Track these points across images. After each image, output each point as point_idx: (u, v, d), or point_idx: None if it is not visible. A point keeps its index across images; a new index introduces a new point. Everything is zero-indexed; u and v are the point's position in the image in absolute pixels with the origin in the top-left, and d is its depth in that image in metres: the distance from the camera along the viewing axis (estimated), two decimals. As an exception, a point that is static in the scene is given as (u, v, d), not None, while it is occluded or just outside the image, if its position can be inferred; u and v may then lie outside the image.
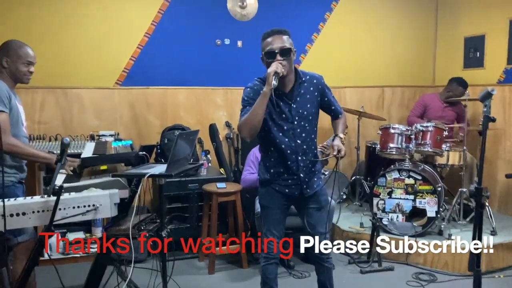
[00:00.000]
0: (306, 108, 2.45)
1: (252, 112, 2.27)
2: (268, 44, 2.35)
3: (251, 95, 2.38)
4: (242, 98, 2.43)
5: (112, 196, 1.98)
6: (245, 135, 2.32)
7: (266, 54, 2.34)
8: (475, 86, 4.86)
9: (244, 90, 2.45)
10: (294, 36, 4.72)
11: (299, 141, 2.44)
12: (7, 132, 2.36)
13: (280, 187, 2.50)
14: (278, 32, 2.36)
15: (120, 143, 2.89)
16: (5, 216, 1.72)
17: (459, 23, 5.13)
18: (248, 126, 2.28)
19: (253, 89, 2.41)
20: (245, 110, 2.36)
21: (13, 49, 2.52)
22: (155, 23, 4.43)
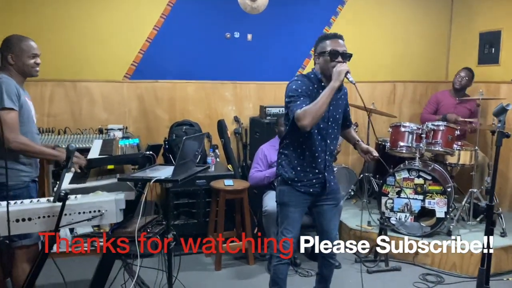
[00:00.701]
0: (338, 112, 2.59)
1: (319, 102, 2.31)
2: (332, 44, 2.43)
3: (303, 88, 2.44)
4: (293, 89, 2.44)
5: (117, 202, 1.97)
6: (306, 123, 2.31)
7: (330, 53, 2.41)
8: (489, 83, 4.77)
9: (293, 83, 2.47)
10: (305, 29, 4.79)
11: (328, 141, 2.56)
12: (16, 130, 2.36)
13: (305, 188, 2.57)
14: (338, 37, 2.48)
15: (127, 141, 2.87)
16: (9, 220, 1.71)
17: (475, 18, 5.00)
18: (313, 115, 2.31)
19: (303, 82, 2.47)
20: (301, 100, 2.38)
21: (15, 44, 2.49)
22: (164, 16, 4.39)
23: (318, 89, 2.46)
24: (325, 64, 2.44)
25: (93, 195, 2.10)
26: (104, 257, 2.69)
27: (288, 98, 2.45)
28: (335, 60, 2.40)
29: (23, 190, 2.44)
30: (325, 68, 2.45)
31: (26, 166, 2.48)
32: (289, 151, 2.60)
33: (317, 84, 2.49)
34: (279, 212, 2.68)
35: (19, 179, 2.43)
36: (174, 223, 3.83)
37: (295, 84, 2.46)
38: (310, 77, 2.51)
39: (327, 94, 2.31)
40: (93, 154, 2.57)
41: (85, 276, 3.17)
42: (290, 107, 2.42)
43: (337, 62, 2.39)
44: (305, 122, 2.31)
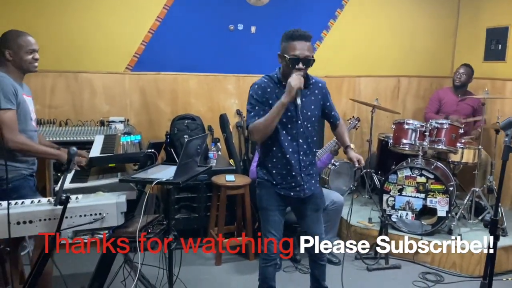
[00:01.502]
0: (310, 109, 2.47)
1: (266, 120, 2.30)
2: (294, 49, 2.29)
3: (259, 93, 2.38)
4: (250, 95, 2.42)
5: (119, 205, 1.96)
6: (256, 139, 2.37)
7: (290, 60, 2.29)
8: (495, 80, 4.73)
9: (252, 88, 2.44)
10: (310, 21, 4.72)
11: (301, 141, 2.46)
12: (14, 130, 2.34)
13: (285, 191, 2.51)
14: (304, 38, 2.31)
15: (128, 138, 2.86)
16: (9, 222, 1.71)
17: (482, 13, 4.93)
18: (261, 132, 2.33)
19: (261, 87, 2.41)
20: (255, 111, 2.37)
21: (12, 39, 2.45)
22: (167, 7, 4.33)
23: (280, 91, 2.37)
24: (285, 68, 2.36)
25: (94, 196, 2.09)
26: (105, 252, 2.69)
27: (247, 105, 2.44)
28: (295, 67, 2.29)
29: (21, 181, 2.44)
30: (285, 71, 2.37)
31: (22, 164, 2.47)
32: (263, 154, 2.56)
33: (277, 86, 2.42)
34: (260, 216, 2.66)
35: (16, 173, 2.42)
36: (175, 217, 3.83)
37: (252, 89, 2.41)
38: (273, 77, 2.44)
39: (276, 110, 2.27)
40: (95, 151, 2.56)
41: (86, 269, 3.19)
42: (247, 117, 2.42)
43: (296, 69, 2.28)
44: (256, 137, 2.36)
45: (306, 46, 2.29)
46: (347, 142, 2.67)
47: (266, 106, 2.37)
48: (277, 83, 2.42)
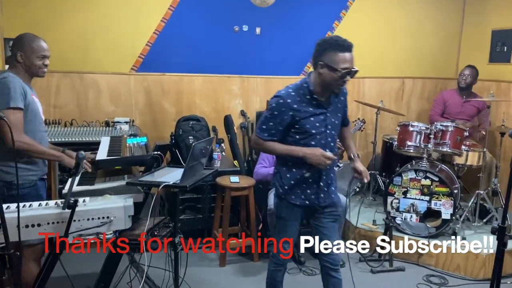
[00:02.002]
0: (336, 118, 2.42)
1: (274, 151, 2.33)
2: (344, 60, 2.20)
3: (282, 110, 2.26)
4: (271, 106, 2.29)
5: (126, 209, 1.97)
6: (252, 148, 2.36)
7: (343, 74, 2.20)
8: (500, 82, 4.72)
9: (275, 99, 2.29)
10: (314, 23, 4.72)
11: (327, 150, 2.35)
12: (19, 129, 2.34)
13: (301, 201, 2.43)
14: (351, 49, 2.24)
15: (134, 140, 2.86)
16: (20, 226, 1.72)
17: (487, 15, 4.92)
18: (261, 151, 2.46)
19: (286, 103, 2.26)
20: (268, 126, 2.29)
21: (26, 43, 2.47)
22: (172, 8, 4.34)
23: (309, 102, 2.29)
24: (331, 80, 2.23)
25: (102, 199, 2.10)
26: (111, 252, 2.70)
27: (265, 112, 2.35)
28: (343, 79, 2.22)
29: (30, 189, 2.44)
30: (329, 82, 2.24)
31: (32, 165, 2.47)
32: (283, 163, 2.44)
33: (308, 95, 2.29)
34: (276, 222, 2.59)
35: (26, 179, 2.42)
36: (179, 218, 3.84)
37: (276, 102, 2.28)
38: (301, 87, 2.30)
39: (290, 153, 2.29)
40: (102, 154, 2.56)
41: (90, 270, 3.20)
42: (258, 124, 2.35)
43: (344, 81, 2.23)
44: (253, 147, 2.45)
45: (352, 56, 2.24)
46: (352, 149, 2.55)
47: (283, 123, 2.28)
48: (307, 94, 2.30)
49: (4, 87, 2.33)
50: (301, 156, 2.26)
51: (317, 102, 2.30)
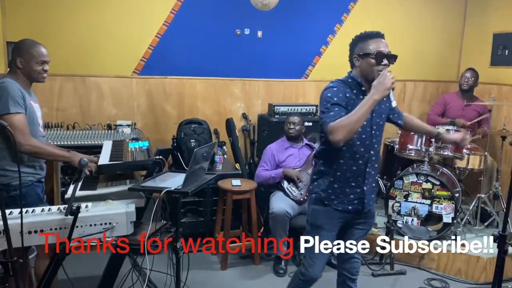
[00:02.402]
0: (381, 118, 2.33)
1: (356, 115, 2.03)
2: (377, 45, 2.16)
3: (340, 95, 2.16)
4: (327, 98, 2.16)
5: (128, 215, 1.98)
6: (339, 138, 2.04)
7: (376, 56, 2.13)
8: (501, 85, 4.72)
9: (329, 90, 2.19)
10: (316, 26, 4.73)
11: (372, 152, 2.28)
12: (26, 133, 2.37)
13: (343, 205, 2.31)
14: (382, 36, 2.21)
15: (137, 144, 2.88)
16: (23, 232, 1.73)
17: (489, 19, 4.92)
18: (348, 129, 2.03)
19: (340, 90, 2.19)
20: (335, 111, 2.11)
21: (26, 48, 2.49)
22: (174, 12, 4.35)
23: (358, 94, 2.21)
24: (368, 67, 2.16)
25: (104, 204, 2.12)
26: (113, 255, 2.72)
27: (322, 108, 2.18)
28: (381, 63, 2.13)
29: (28, 188, 2.46)
30: (368, 71, 2.17)
31: (29, 168, 2.50)
32: (326, 167, 2.33)
33: (356, 89, 2.22)
34: (309, 232, 2.42)
35: (23, 179, 2.42)
36: (181, 221, 3.85)
37: (330, 92, 2.17)
38: (347, 81, 2.24)
39: (367, 107, 2.02)
40: (104, 158, 2.58)
41: (93, 273, 3.21)
42: (323, 118, 2.15)
43: (383, 65, 2.13)
44: (338, 136, 2.04)
45: (386, 42, 2.19)
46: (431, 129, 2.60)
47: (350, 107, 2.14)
48: (358, 86, 2.23)
49: (3, 93, 2.35)
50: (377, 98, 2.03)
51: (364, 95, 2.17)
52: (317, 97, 4.85)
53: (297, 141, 3.94)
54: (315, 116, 4.51)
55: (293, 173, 3.75)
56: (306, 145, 3.99)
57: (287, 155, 3.87)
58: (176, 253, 2.30)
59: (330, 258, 3.70)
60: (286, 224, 3.54)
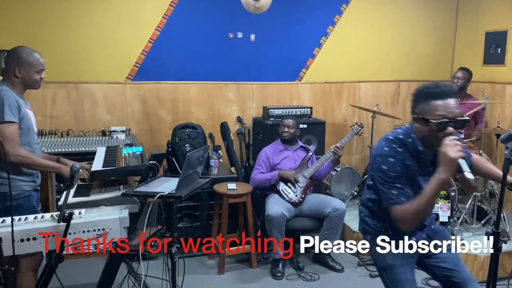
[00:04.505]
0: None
1: (424, 203, 1.82)
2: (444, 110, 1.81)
3: (398, 169, 1.90)
4: (383, 171, 1.92)
5: (122, 220, 1.98)
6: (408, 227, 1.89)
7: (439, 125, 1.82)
8: (494, 84, 4.74)
9: (382, 160, 1.94)
10: (308, 29, 4.75)
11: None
12: (15, 144, 2.36)
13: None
14: (452, 95, 1.85)
15: (130, 150, 2.87)
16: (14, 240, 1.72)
17: (481, 18, 4.95)
18: (418, 219, 1.88)
19: (398, 161, 1.92)
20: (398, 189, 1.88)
21: (24, 58, 2.48)
22: (166, 17, 4.35)
23: (417, 159, 1.95)
24: (429, 134, 1.87)
25: (97, 210, 2.11)
26: (109, 260, 2.70)
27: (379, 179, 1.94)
28: (443, 132, 1.82)
29: (24, 200, 2.46)
30: (429, 138, 1.88)
31: (27, 176, 2.49)
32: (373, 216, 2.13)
33: (415, 154, 1.95)
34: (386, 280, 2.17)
35: (20, 189, 2.44)
36: (177, 226, 3.84)
37: (386, 164, 1.91)
38: (407, 143, 1.94)
39: (435, 190, 1.79)
40: (97, 164, 2.57)
41: (88, 280, 3.19)
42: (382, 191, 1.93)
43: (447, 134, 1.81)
44: (406, 227, 1.88)
45: (455, 104, 1.84)
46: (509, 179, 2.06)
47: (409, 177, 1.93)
48: (418, 154, 1.95)
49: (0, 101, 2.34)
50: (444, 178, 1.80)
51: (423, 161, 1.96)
52: (311, 99, 4.92)
53: (292, 144, 3.94)
54: (309, 118, 4.52)
55: (289, 174, 3.75)
56: (301, 147, 3.99)
57: (282, 158, 3.87)
58: (171, 258, 2.28)
59: (328, 260, 3.72)
60: (283, 226, 3.53)
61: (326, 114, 4.95)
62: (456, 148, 1.76)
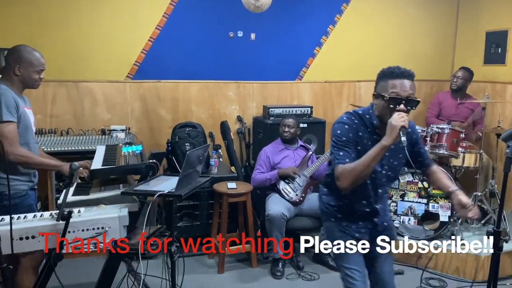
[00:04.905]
0: (397, 158, 2.17)
1: (363, 164, 1.94)
2: (393, 87, 1.96)
3: (350, 135, 2.04)
4: (337, 135, 2.05)
5: (121, 219, 1.97)
6: (345, 185, 1.98)
7: (390, 99, 1.95)
8: (495, 83, 4.73)
9: (338, 126, 2.07)
10: (309, 28, 4.74)
11: (380, 190, 2.19)
12: (15, 143, 2.35)
13: (350, 231, 2.19)
14: (406, 76, 1.98)
15: (130, 148, 2.86)
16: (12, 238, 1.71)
17: (481, 17, 4.94)
18: (354, 177, 1.96)
19: (351, 128, 2.06)
20: (344, 151, 2.02)
21: (25, 56, 2.47)
22: (166, 15, 4.35)
23: (371, 134, 2.07)
24: (382, 109, 2.00)
25: (96, 208, 2.10)
26: (109, 260, 2.70)
27: (332, 142, 2.08)
28: (395, 108, 1.94)
29: (22, 199, 2.45)
30: (382, 113, 2.01)
31: (23, 176, 2.48)
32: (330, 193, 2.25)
33: (370, 128, 2.08)
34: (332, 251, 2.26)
35: (17, 188, 2.43)
36: (177, 225, 3.83)
37: (340, 129, 2.05)
38: (365, 117, 2.08)
39: (375, 155, 1.92)
40: (97, 163, 2.56)
41: (88, 280, 3.19)
42: (332, 154, 2.07)
43: (397, 110, 1.93)
44: (344, 184, 1.99)
45: (408, 85, 1.97)
46: (448, 185, 2.16)
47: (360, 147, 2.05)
48: (373, 128, 2.08)
49: None
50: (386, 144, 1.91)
51: (378, 137, 2.04)
52: (312, 98, 4.91)
53: (292, 143, 3.94)
54: (310, 117, 4.51)
55: (288, 170, 3.75)
56: (301, 146, 3.98)
57: (282, 157, 3.86)
58: (171, 257, 2.28)
59: (327, 260, 3.72)
60: (283, 226, 3.52)
61: (327, 114, 4.95)
62: (401, 118, 1.89)
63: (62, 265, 2.11)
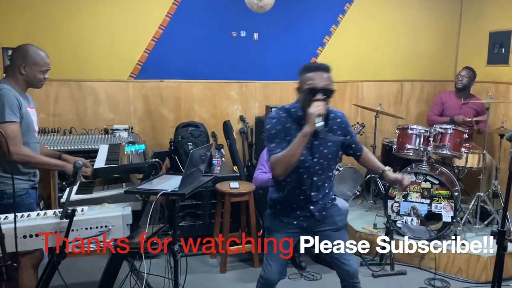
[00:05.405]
0: (327, 147, 2.34)
1: (289, 151, 2.15)
2: (310, 79, 2.18)
3: (278, 128, 2.26)
4: (267, 129, 2.28)
5: (124, 217, 1.97)
6: (279, 172, 2.21)
7: (308, 91, 2.17)
8: (498, 84, 4.72)
9: (268, 121, 2.30)
10: (312, 28, 4.73)
11: (315, 178, 2.35)
12: (18, 143, 2.36)
13: (288, 219, 2.42)
14: (322, 69, 2.21)
15: (133, 147, 2.86)
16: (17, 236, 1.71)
17: (485, 17, 4.93)
18: (284, 165, 2.17)
19: (279, 121, 2.28)
20: (275, 143, 2.23)
21: (31, 56, 2.47)
22: (170, 15, 4.35)
23: (299, 126, 2.23)
24: (304, 101, 2.22)
25: (100, 207, 2.10)
26: (111, 259, 2.70)
27: (264, 136, 2.32)
28: (313, 99, 2.15)
29: (22, 197, 2.45)
30: (304, 105, 2.22)
31: (23, 175, 2.48)
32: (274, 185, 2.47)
33: (297, 120, 2.27)
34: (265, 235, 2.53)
35: (16, 187, 2.40)
36: (179, 224, 3.83)
37: (270, 123, 2.28)
38: (291, 111, 2.30)
39: (299, 142, 2.12)
40: (100, 162, 2.57)
41: (91, 278, 3.19)
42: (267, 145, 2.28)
43: (315, 100, 2.14)
44: (277, 171, 2.21)
45: (323, 77, 2.19)
46: (380, 166, 2.44)
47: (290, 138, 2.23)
48: (298, 119, 2.27)
49: (0, 100, 2.33)
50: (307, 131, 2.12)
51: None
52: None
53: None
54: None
55: None
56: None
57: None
58: (174, 256, 2.27)
59: (326, 258, 3.70)
60: (285, 226, 3.51)
61: (329, 114, 4.93)
62: (317, 107, 2.11)
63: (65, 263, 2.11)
